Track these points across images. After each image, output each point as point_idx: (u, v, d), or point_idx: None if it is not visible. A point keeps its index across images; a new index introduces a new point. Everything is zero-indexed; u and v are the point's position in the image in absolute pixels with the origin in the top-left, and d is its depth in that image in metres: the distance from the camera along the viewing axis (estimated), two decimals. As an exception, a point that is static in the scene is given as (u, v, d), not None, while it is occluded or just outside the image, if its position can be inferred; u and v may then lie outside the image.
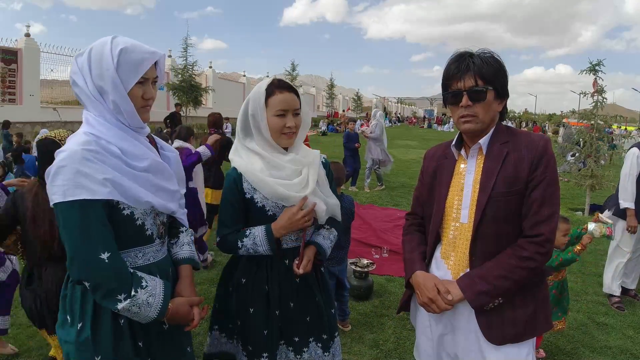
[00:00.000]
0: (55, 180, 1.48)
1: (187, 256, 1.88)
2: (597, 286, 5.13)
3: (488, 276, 1.76)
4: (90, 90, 1.58)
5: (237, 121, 2.09)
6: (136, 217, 1.62)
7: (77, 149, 1.48)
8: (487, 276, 1.76)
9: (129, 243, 1.63)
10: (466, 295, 1.77)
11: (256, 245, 1.98)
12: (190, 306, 1.72)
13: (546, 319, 1.88)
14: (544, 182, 1.75)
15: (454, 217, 1.92)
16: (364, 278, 4.68)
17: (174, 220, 1.88)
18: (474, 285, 1.78)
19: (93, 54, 1.56)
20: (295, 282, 2.10)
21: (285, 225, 1.98)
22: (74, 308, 1.61)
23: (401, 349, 3.72)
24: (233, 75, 45.58)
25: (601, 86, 9.06)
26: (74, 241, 1.48)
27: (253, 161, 2.02)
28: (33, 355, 3.54)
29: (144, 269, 1.65)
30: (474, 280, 1.79)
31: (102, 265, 1.47)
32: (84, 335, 1.57)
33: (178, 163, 1.87)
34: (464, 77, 1.79)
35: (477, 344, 1.84)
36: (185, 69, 23.44)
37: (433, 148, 2.17)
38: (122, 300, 1.49)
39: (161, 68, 1.70)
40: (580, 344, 3.89)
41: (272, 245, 1.98)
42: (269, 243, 1.98)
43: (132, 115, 1.61)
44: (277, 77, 2.08)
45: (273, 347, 2.06)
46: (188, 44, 23.76)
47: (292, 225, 1.98)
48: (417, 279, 1.93)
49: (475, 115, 1.80)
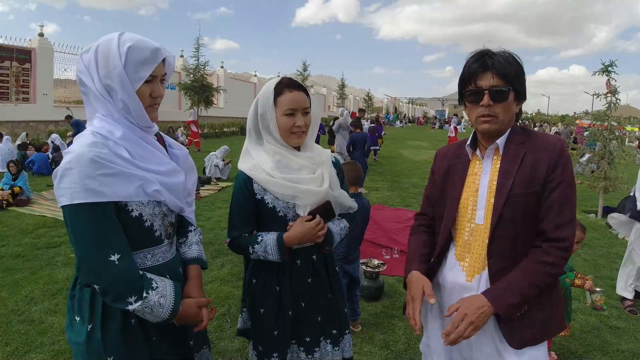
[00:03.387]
0: (62, 182, 1.46)
1: (195, 256, 1.87)
2: (610, 289, 5.07)
3: (518, 287, 1.71)
4: (98, 89, 1.55)
5: (247, 121, 2.08)
6: (145, 218, 1.60)
7: (84, 150, 1.46)
8: (517, 287, 1.71)
9: (138, 245, 1.62)
10: (499, 310, 1.70)
11: (267, 253, 1.98)
12: (199, 307, 1.72)
13: (561, 320, 1.86)
14: (562, 183, 1.72)
15: (468, 217, 1.89)
16: (374, 278, 4.67)
17: (182, 219, 1.88)
18: (503, 297, 1.71)
19: (100, 52, 1.53)
20: (306, 282, 2.10)
21: (298, 236, 1.97)
22: (82, 309, 1.60)
23: (412, 351, 3.70)
24: (244, 75, 45.70)
25: (614, 87, 8.96)
26: (82, 244, 1.46)
27: (264, 160, 2.01)
28: (45, 351, 3.57)
29: (154, 270, 1.65)
30: (502, 293, 1.72)
31: (112, 268, 1.46)
32: (94, 337, 1.56)
33: (186, 161, 1.85)
34: (486, 75, 1.75)
35: (495, 347, 1.82)
36: (197, 69, 23.55)
37: (444, 147, 2.14)
38: (132, 303, 1.49)
39: (170, 65, 1.67)
40: (592, 347, 3.85)
41: (282, 255, 1.97)
42: (279, 253, 1.97)
43: (141, 114, 1.59)
44: (286, 76, 2.07)
45: (283, 347, 2.06)
46: (200, 44, 23.88)
47: (305, 238, 1.98)
48: (410, 278, 1.94)
49: (496, 116, 1.76)
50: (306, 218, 1.99)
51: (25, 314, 4.21)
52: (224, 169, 11.96)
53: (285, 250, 1.97)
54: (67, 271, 5.27)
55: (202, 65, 23.83)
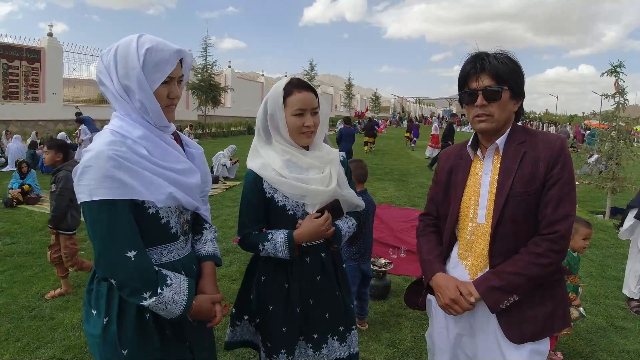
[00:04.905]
0: (81, 179, 1.50)
1: (210, 253, 1.90)
2: (617, 290, 5.07)
3: (501, 273, 1.77)
4: (117, 89, 1.59)
5: (256, 121, 2.11)
6: (161, 215, 1.64)
7: (104, 149, 1.49)
8: (501, 273, 1.78)
9: (154, 241, 1.66)
10: (479, 291, 1.78)
11: (277, 250, 2.01)
12: (213, 303, 1.75)
13: (564, 317, 1.88)
14: (560, 181, 1.75)
15: (470, 217, 1.92)
16: (381, 277, 4.69)
17: (197, 216, 1.91)
18: (486, 281, 1.79)
19: (119, 53, 1.57)
20: (315, 279, 2.13)
21: (307, 233, 2.00)
22: (99, 303, 1.63)
23: (418, 349, 3.72)
24: (251, 74, 45.76)
25: (622, 87, 8.92)
26: (100, 240, 1.50)
27: (273, 160, 2.04)
28: (55, 347, 3.62)
29: (169, 266, 1.68)
30: (487, 277, 1.80)
31: (129, 263, 1.50)
32: (110, 330, 1.60)
33: (202, 160, 1.89)
34: (479, 76, 1.81)
35: (497, 343, 1.84)
36: (205, 69, 23.63)
37: (448, 148, 2.17)
38: (147, 298, 1.52)
39: (187, 66, 1.71)
40: (598, 348, 3.85)
41: (292, 252, 2.00)
42: (289, 250, 2.00)
43: (158, 114, 1.62)
44: (295, 77, 2.09)
45: (292, 343, 2.09)
46: (208, 44, 23.97)
47: (314, 235, 2.02)
48: (437, 281, 1.92)
49: (491, 115, 1.81)
50: (315, 215, 2.02)
51: (36, 310, 4.27)
52: (231, 168, 12.02)
53: (295, 247, 2.01)
54: (77, 268, 5.33)
55: (209, 65, 23.90)
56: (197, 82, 23.25)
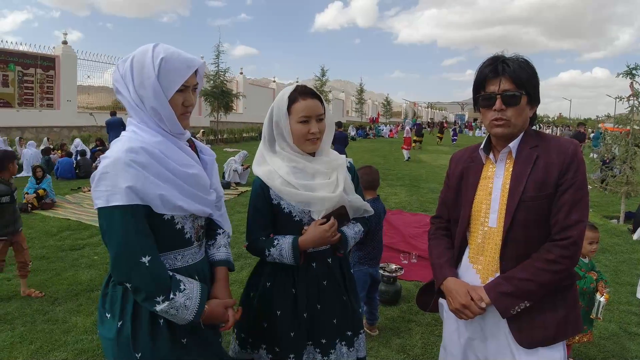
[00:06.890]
0: (98, 185, 1.53)
1: (223, 258, 1.92)
2: (630, 296, 5.01)
3: (512, 278, 1.76)
4: (133, 98, 1.62)
5: (263, 127, 2.13)
6: (176, 221, 1.68)
7: (121, 155, 1.53)
8: (512, 278, 1.76)
9: (169, 246, 1.69)
10: (490, 296, 1.77)
11: (282, 256, 2.02)
12: (225, 308, 1.77)
13: (576, 322, 1.86)
14: (573, 186, 1.74)
15: (482, 221, 1.91)
16: (392, 283, 4.69)
17: (211, 221, 1.93)
18: (497, 286, 1.78)
19: (135, 63, 1.60)
20: (322, 284, 2.13)
21: (312, 240, 2.01)
22: (114, 307, 1.66)
23: (428, 355, 3.70)
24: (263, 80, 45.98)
25: (637, 90, 8.83)
26: (116, 245, 1.53)
27: (279, 166, 2.05)
28: (69, 350, 3.66)
29: (183, 270, 1.71)
30: (498, 282, 1.79)
31: (143, 269, 1.52)
32: (124, 333, 1.62)
33: (214, 166, 1.92)
34: (498, 80, 1.79)
35: (509, 348, 1.83)
36: (217, 75, 23.79)
37: (459, 151, 2.16)
38: (160, 303, 1.55)
39: (201, 75, 1.74)
40: (611, 354, 3.81)
41: (297, 258, 2.01)
42: (294, 257, 2.01)
43: (173, 121, 1.66)
44: (301, 84, 2.10)
45: (300, 348, 2.09)
46: (220, 51, 24.13)
47: (319, 241, 2.02)
48: (448, 285, 1.92)
49: (508, 120, 1.79)
50: (320, 221, 2.03)
51: (50, 314, 4.32)
52: (243, 174, 12.07)
53: (301, 253, 2.01)
54: (90, 273, 5.40)
55: (222, 72, 24.06)
56: (209, 89, 23.42)
